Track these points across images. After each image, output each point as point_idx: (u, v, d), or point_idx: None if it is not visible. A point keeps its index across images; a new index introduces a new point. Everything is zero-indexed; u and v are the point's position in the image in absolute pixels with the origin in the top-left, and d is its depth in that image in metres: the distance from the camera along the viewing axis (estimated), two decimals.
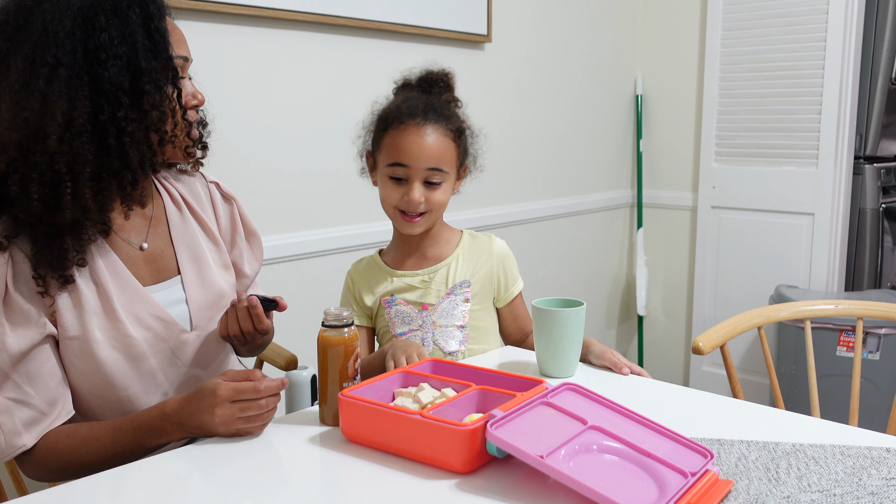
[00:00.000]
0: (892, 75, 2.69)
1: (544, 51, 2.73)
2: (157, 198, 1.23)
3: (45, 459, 1.08)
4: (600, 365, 1.34)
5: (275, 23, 1.88)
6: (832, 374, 2.45)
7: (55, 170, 1.00)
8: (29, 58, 0.99)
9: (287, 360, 1.57)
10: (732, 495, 0.88)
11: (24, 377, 1.05)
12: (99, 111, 1.02)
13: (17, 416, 1.05)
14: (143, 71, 1.04)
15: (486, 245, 1.47)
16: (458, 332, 1.41)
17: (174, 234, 1.22)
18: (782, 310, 1.64)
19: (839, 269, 2.76)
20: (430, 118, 1.34)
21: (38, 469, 1.10)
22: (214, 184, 1.33)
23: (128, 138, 1.04)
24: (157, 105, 1.06)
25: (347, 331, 1.08)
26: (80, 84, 1.01)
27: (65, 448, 1.08)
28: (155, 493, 0.92)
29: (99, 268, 1.10)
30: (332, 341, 1.08)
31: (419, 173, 1.33)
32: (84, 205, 1.03)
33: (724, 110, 2.93)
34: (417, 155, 1.32)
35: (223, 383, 1.03)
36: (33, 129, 0.99)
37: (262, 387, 1.03)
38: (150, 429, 1.07)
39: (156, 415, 1.08)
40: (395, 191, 1.35)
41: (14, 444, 1.06)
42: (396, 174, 1.34)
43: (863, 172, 2.75)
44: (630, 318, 3.33)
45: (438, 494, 0.89)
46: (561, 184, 2.89)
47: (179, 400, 1.07)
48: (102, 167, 1.04)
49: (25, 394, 1.05)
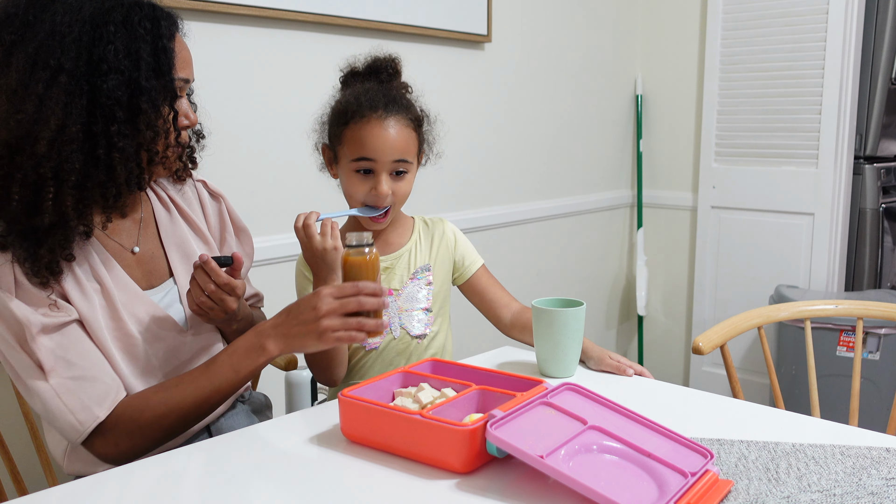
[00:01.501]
0: (892, 75, 2.69)
1: (544, 51, 2.73)
2: (146, 201, 1.23)
3: (137, 420, 1.05)
4: (599, 370, 1.33)
5: (275, 23, 1.88)
6: (832, 374, 2.45)
7: (40, 174, 0.99)
8: (31, 58, 0.98)
9: (287, 361, 1.57)
10: (732, 495, 0.88)
11: (73, 354, 1.04)
12: (93, 122, 1.01)
13: (81, 393, 1.03)
14: (143, 89, 1.03)
15: (440, 228, 1.51)
16: (424, 315, 1.43)
17: (164, 237, 1.22)
18: (782, 310, 1.64)
19: (839, 269, 2.76)
20: (392, 110, 1.34)
21: (126, 437, 1.06)
22: (202, 182, 1.33)
23: (117, 153, 1.03)
24: (151, 125, 1.05)
25: (369, 251, 1.13)
26: (79, 93, 0.99)
27: (159, 401, 1.06)
28: (155, 492, 0.92)
29: (98, 268, 1.10)
30: (357, 262, 1.12)
31: (385, 166, 1.33)
32: (64, 211, 1.01)
33: (724, 110, 2.93)
34: (383, 148, 1.32)
35: (324, 287, 1.08)
36: (24, 132, 0.98)
37: (360, 286, 1.07)
38: (244, 350, 1.08)
39: (249, 335, 1.09)
40: (361, 185, 1.34)
41: (86, 419, 1.03)
42: (362, 167, 1.34)
43: (863, 172, 2.75)
44: (630, 318, 3.33)
45: (438, 494, 0.89)
46: (561, 184, 2.89)
47: (275, 316, 1.09)
48: (88, 177, 1.02)
49: (82, 369, 1.04)
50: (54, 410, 1.02)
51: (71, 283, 1.06)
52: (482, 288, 1.51)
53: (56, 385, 1.02)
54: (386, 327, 1.11)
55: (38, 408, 1.04)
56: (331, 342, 1.06)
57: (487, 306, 1.51)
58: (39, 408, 1.04)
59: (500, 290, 1.52)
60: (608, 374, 1.32)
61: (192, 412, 1.08)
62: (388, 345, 1.40)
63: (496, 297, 1.51)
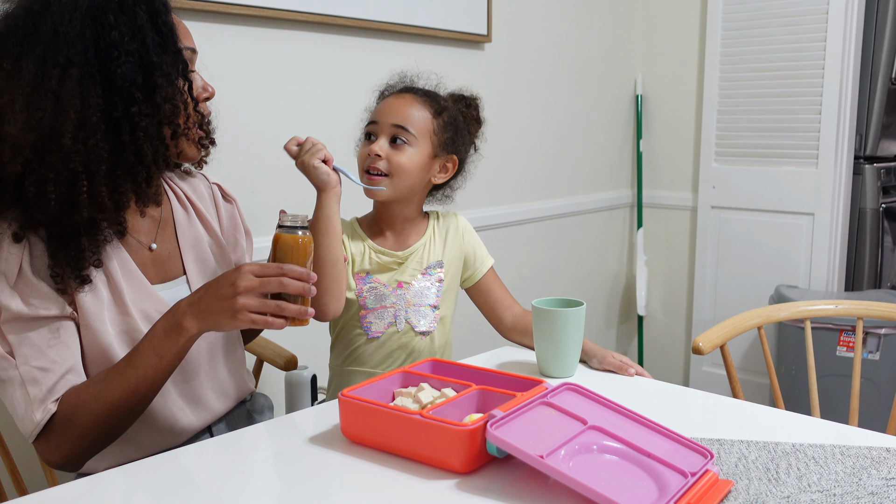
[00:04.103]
0: (892, 75, 2.69)
1: (544, 51, 2.73)
2: (165, 200, 1.24)
3: (72, 420, 1.02)
4: (602, 369, 1.34)
5: (275, 23, 1.88)
6: (832, 374, 2.45)
7: (71, 169, 1.00)
8: (41, 59, 1.00)
9: (287, 360, 1.57)
10: (732, 495, 0.88)
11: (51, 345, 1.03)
12: (112, 108, 1.03)
13: (41, 386, 1.02)
14: (155, 65, 1.05)
15: (453, 223, 1.51)
16: (431, 312, 1.43)
17: (180, 236, 1.23)
18: (782, 310, 1.64)
19: (839, 269, 2.76)
20: (413, 90, 1.42)
21: (65, 439, 1.03)
22: (217, 185, 1.35)
23: (141, 133, 1.04)
24: (169, 98, 1.07)
25: (302, 233, 1.08)
26: (93, 82, 1.01)
27: (89, 396, 1.03)
28: (154, 493, 0.92)
29: (111, 263, 1.11)
30: (287, 241, 1.08)
31: (385, 129, 1.37)
32: (101, 203, 1.03)
33: (724, 110, 2.93)
34: (386, 111, 1.38)
35: (247, 264, 1.03)
36: (47, 129, 0.99)
37: (285, 268, 1.02)
38: (163, 332, 1.04)
39: (167, 315, 1.05)
40: (364, 148, 1.40)
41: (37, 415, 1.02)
42: (368, 131, 1.40)
43: (863, 172, 2.75)
44: (630, 318, 3.33)
45: (438, 494, 0.89)
46: (561, 184, 2.89)
47: (193, 292, 1.06)
48: (118, 164, 1.04)
49: (54, 360, 1.03)
50: (16, 400, 1.03)
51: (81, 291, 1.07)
52: (488, 289, 1.51)
53: (24, 373, 1.02)
54: (310, 315, 1.05)
55: (2, 395, 1.04)
56: (245, 322, 1.01)
57: (490, 307, 1.52)
58: (3, 395, 1.04)
59: (504, 292, 1.52)
60: (608, 373, 1.32)
61: (124, 405, 1.04)
62: (391, 337, 1.41)
63: (499, 298, 1.51)
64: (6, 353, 1.03)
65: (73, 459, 1.06)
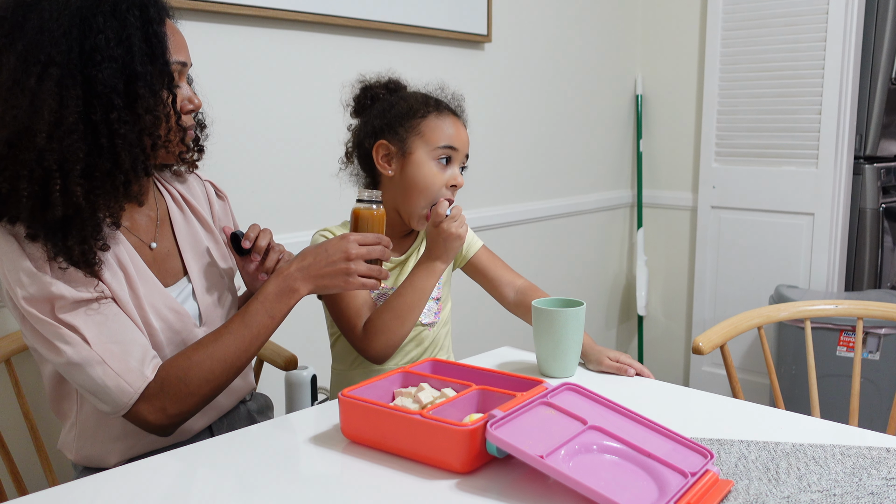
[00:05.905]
0: (892, 75, 2.69)
1: (544, 51, 2.73)
2: (161, 199, 1.24)
3: (184, 379, 1.07)
4: (599, 371, 1.33)
5: (275, 23, 1.88)
6: (832, 374, 2.45)
7: (44, 167, 0.99)
8: (22, 55, 0.99)
9: (287, 360, 1.57)
10: (732, 495, 0.88)
11: (112, 324, 1.05)
12: (91, 111, 1.01)
13: (127, 357, 1.05)
14: (138, 75, 1.04)
15: None
16: (434, 304, 1.46)
17: (178, 235, 1.23)
18: (782, 310, 1.64)
19: (839, 269, 2.76)
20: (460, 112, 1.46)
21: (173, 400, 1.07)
22: (209, 182, 1.36)
23: (120, 140, 1.03)
24: (150, 109, 1.06)
25: (376, 207, 1.22)
26: (73, 83, 1.00)
27: (203, 357, 1.09)
28: (155, 492, 0.92)
29: (123, 257, 1.11)
30: (367, 214, 1.22)
31: (460, 158, 1.42)
32: (75, 202, 1.02)
33: (724, 110, 2.93)
34: (465, 141, 1.42)
35: (349, 234, 1.17)
36: (22, 127, 0.98)
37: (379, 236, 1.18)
38: (276, 294, 1.14)
39: (277, 280, 1.15)
40: (441, 173, 1.39)
41: (135, 381, 1.04)
42: (446, 154, 1.40)
43: (863, 172, 2.75)
44: (630, 318, 3.33)
45: (438, 494, 0.89)
46: (561, 184, 2.89)
47: (297, 259, 1.16)
48: (94, 166, 1.03)
49: (122, 335, 1.05)
50: (101, 377, 1.03)
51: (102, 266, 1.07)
52: (484, 267, 1.53)
53: (101, 351, 1.04)
54: (386, 277, 1.21)
55: (80, 379, 1.05)
56: (356, 285, 1.15)
57: (491, 285, 1.54)
58: (81, 379, 1.04)
59: (503, 268, 1.54)
60: (608, 374, 1.32)
61: (236, 363, 1.12)
62: None
63: (499, 275, 1.53)
64: (79, 338, 1.03)
65: (182, 417, 1.10)
